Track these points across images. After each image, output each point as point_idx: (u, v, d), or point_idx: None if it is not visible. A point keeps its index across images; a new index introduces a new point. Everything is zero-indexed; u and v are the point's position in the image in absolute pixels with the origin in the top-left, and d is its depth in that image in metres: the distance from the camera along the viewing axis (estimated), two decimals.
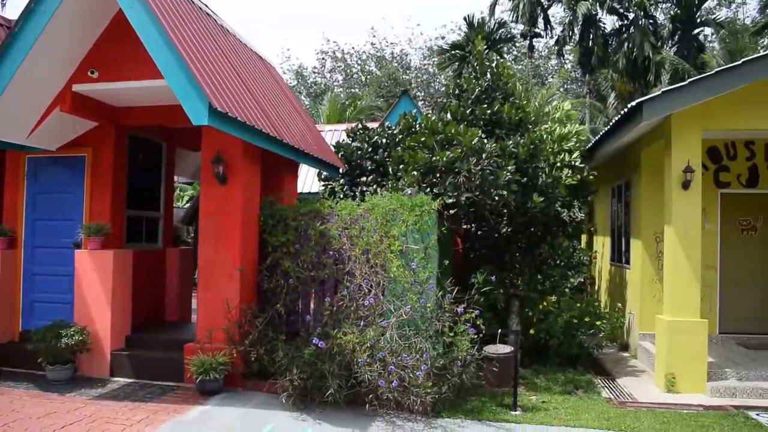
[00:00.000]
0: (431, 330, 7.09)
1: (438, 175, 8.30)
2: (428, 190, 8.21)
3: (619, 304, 10.95)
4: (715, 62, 23.98)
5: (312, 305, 7.92)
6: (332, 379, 6.74)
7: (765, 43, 24.56)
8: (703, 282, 9.77)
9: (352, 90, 38.68)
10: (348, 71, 41.74)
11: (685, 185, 8.08)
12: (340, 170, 10.59)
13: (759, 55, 8.09)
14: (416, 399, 6.63)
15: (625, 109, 8.76)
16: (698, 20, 27.22)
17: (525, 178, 8.56)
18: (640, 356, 9.97)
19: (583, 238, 14.15)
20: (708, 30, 28.41)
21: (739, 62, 8.03)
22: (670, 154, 8.23)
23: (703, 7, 27.50)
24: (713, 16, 28.50)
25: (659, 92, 8.03)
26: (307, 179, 15.73)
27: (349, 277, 7.50)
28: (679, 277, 8.12)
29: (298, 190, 14.05)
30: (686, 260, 8.08)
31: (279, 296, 7.70)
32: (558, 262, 9.66)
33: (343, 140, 11.20)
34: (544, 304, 9.13)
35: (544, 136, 10.16)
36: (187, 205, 22.02)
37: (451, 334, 7.06)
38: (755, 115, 8.36)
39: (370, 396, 6.72)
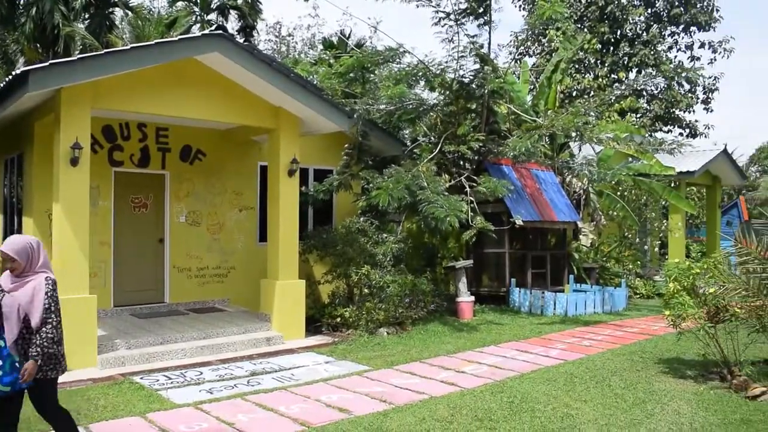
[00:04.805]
0: None
1: None
2: None
3: None
4: (121, 44, 24.54)
5: None
6: None
7: (175, 34, 26.29)
8: (99, 257, 10.04)
9: None
10: None
11: (74, 162, 8.02)
12: None
13: (145, 44, 8.63)
14: None
15: (11, 76, 8.15)
16: (112, 0, 27.33)
17: None
18: None
19: None
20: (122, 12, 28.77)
21: (128, 47, 8.42)
22: (59, 129, 8.04)
23: None
24: (126, 0, 29.08)
25: (47, 63, 7.72)
26: None
27: None
28: (68, 255, 8.02)
29: None
30: (74, 237, 8.04)
31: None
32: None
33: None
34: None
35: None
36: None
37: None
38: (146, 100, 8.85)
39: None
